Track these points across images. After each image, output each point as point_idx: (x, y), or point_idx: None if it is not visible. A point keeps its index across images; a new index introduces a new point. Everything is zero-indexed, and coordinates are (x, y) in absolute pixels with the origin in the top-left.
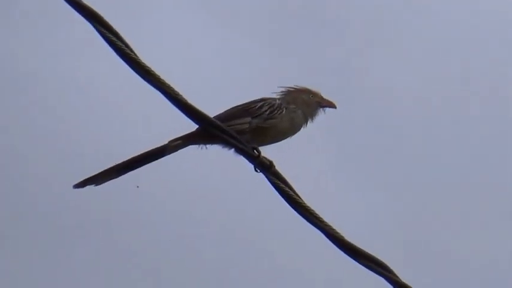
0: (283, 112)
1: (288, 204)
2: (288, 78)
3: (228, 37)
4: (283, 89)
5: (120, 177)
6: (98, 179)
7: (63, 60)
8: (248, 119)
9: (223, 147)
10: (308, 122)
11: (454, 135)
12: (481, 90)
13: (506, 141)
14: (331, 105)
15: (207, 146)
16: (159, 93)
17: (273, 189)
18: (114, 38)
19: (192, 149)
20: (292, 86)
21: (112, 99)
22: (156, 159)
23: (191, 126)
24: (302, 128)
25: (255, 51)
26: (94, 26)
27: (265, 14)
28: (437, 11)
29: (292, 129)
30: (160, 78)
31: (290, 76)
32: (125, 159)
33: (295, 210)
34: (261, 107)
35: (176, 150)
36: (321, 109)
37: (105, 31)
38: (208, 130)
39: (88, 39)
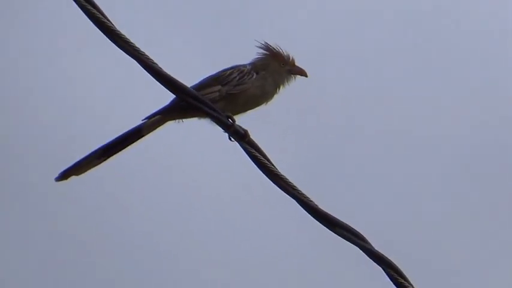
0: (253, 78)
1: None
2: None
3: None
4: (256, 55)
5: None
6: (79, 168)
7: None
8: (218, 87)
9: (198, 119)
10: (279, 89)
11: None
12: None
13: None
14: (302, 73)
15: (183, 120)
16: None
17: (248, 158)
18: (93, 10)
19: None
20: (265, 50)
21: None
22: (135, 140)
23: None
24: (274, 95)
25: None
26: None
27: None
28: None
29: (263, 96)
30: (138, 48)
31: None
32: (101, 145)
33: (270, 179)
34: (230, 74)
35: (154, 129)
36: (292, 76)
37: (85, 3)
38: (184, 100)
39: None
